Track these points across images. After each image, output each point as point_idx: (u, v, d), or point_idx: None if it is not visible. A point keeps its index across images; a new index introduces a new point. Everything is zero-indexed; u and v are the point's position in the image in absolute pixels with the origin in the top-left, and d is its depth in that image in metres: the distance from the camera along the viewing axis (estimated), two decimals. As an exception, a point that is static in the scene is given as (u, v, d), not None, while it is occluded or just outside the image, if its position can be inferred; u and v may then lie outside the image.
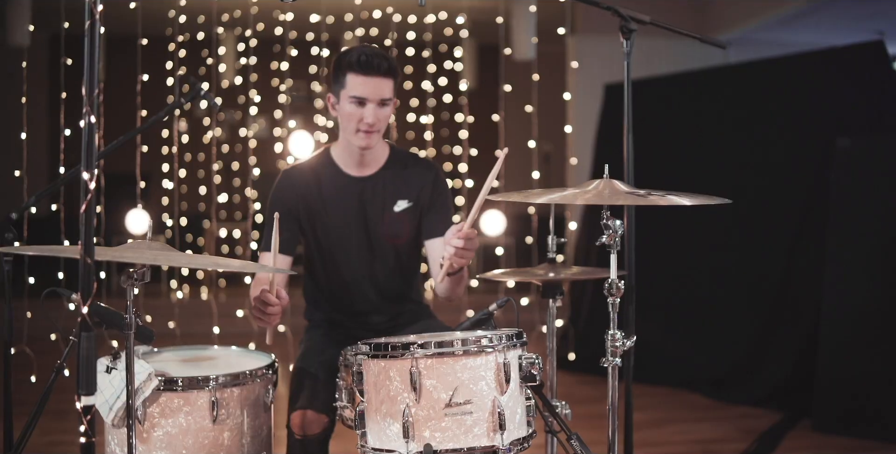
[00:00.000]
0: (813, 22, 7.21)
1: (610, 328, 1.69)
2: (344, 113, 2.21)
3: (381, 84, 2.16)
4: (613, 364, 1.68)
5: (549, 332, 1.93)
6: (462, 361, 1.55)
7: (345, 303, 2.38)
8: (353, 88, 2.17)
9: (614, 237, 1.66)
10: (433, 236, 2.31)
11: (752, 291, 4.58)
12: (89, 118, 1.22)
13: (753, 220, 4.59)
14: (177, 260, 1.37)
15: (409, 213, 2.33)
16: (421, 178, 2.35)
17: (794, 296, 4.30)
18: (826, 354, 3.89)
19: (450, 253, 1.91)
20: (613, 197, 1.59)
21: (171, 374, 1.87)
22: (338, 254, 2.32)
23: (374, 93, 2.16)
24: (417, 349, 1.55)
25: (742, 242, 4.68)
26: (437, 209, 2.34)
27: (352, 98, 2.17)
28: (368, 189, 2.32)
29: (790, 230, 4.37)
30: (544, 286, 1.95)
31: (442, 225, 2.31)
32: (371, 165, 2.34)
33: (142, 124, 2.35)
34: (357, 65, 2.15)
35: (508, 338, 1.61)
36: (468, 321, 1.87)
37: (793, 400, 4.13)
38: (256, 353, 2.14)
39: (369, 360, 1.63)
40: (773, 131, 4.62)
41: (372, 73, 2.14)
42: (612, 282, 1.67)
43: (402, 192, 2.33)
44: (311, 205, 2.31)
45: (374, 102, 2.16)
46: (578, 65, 7.08)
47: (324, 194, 2.32)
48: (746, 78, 4.99)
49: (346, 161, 2.33)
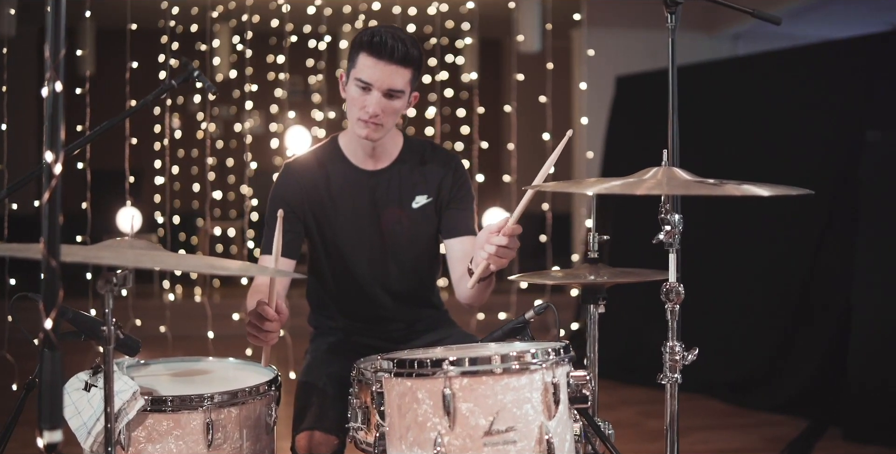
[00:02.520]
0: (824, 14, 7.10)
1: (669, 339, 1.45)
2: (349, 96, 1.98)
3: (391, 72, 1.91)
4: (673, 381, 1.45)
5: (591, 342, 1.69)
6: (504, 381, 1.30)
7: (355, 309, 2.14)
8: (360, 70, 1.93)
9: (674, 234, 1.43)
10: (454, 235, 2.08)
11: (775, 291, 4.36)
12: (53, 85, 0.98)
13: (776, 216, 4.37)
14: (164, 261, 1.13)
15: (429, 210, 2.10)
16: (440, 169, 2.11)
17: (820, 297, 4.11)
18: (857, 358, 3.70)
19: (489, 252, 1.68)
20: (681, 186, 1.34)
21: (160, 392, 1.63)
22: (348, 255, 2.08)
23: (381, 80, 1.91)
24: (450, 366, 1.31)
25: (764, 240, 4.46)
26: (458, 204, 2.11)
27: (357, 81, 1.94)
28: (382, 184, 2.08)
29: (815, 227, 4.17)
30: (585, 290, 1.71)
31: (464, 222, 2.09)
32: (384, 157, 2.10)
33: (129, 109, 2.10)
34: (369, 45, 1.91)
35: (556, 353, 1.36)
36: (500, 330, 1.63)
37: (818, 406, 3.93)
38: (256, 366, 1.90)
39: (392, 379, 1.38)
40: (797, 124, 4.41)
41: (383, 58, 1.90)
42: (672, 286, 1.44)
43: (419, 187, 2.09)
44: (317, 202, 2.06)
45: (379, 91, 1.92)
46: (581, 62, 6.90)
47: (332, 190, 2.08)
48: (766, 69, 4.78)
49: (355, 152, 2.09)
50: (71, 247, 1.12)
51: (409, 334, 2.16)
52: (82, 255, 1.09)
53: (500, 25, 6.91)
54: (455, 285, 2.07)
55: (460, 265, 2.04)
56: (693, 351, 1.45)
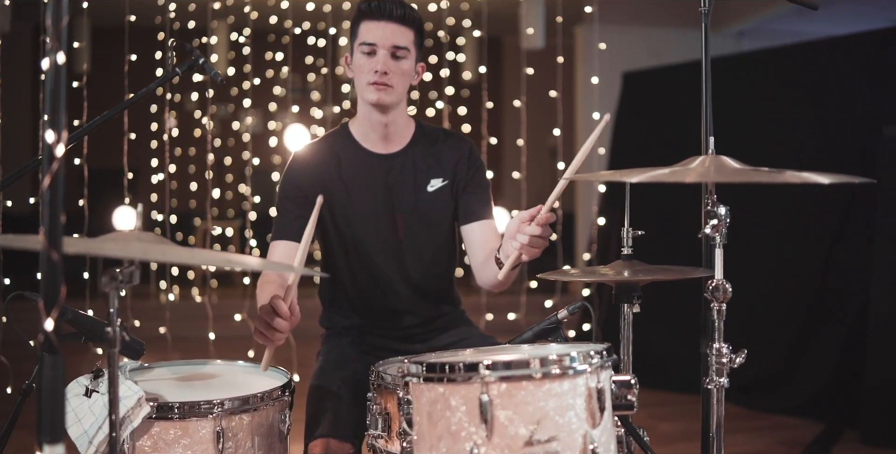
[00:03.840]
0: (831, 11, 7.03)
1: (714, 341, 1.35)
2: (356, 66, 1.95)
3: (394, 30, 1.92)
4: (719, 385, 1.34)
5: (625, 344, 1.58)
6: (546, 386, 1.19)
7: (371, 304, 2.04)
8: (363, 35, 1.93)
9: (721, 227, 1.32)
10: (473, 219, 2.02)
11: (789, 289, 4.26)
12: (55, 56, 0.87)
13: (790, 213, 4.28)
14: (176, 255, 1.02)
15: (445, 193, 2.03)
16: (454, 151, 2.05)
17: (836, 295, 4.02)
18: (875, 358, 3.61)
19: (521, 242, 1.59)
20: (732, 174, 1.24)
21: (166, 398, 1.52)
22: (363, 245, 1.99)
23: (385, 37, 1.91)
24: (487, 370, 1.20)
25: (778, 237, 4.36)
26: (474, 188, 2.05)
27: (361, 45, 1.93)
28: (396, 168, 2.01)
29: (831, 225, 4.08)
30: (618, 288, 1.60)
31: (482, 206, 2.03)
32: (396, 141, 2.03)
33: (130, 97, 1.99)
34: (368, 11, 1.93)
35: (600, 356, 1.26)
36: (530, 331, 1.52)
37: (833, 409, 3.85)
38: (267, 370, 1.79)
39: (421, 384, 1.27)
40: (807, 121, 4.32)
41: (383, 18, 1.92)
42: (719, 283, 1.33)
43: (434, 170, 2.03)
44: (329, 188, 1.97)
45: (385, 49, 1.91)
46: (585, 58, 6.83)
47: (344, 176, 2.00)
48: (774, 65, 4.70)
49: (367, 136, 2.03)
50: (73, 238, 1.01)
51: (426, 333, 2.06)
52: (86, 247, 0.98)
53: (501, 23, 6.82)
54: (476, 271, 2.00)
55: (481, 251, 1.99)
56: (741, 353, 1.35)
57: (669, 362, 4.29)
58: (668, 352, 4.33)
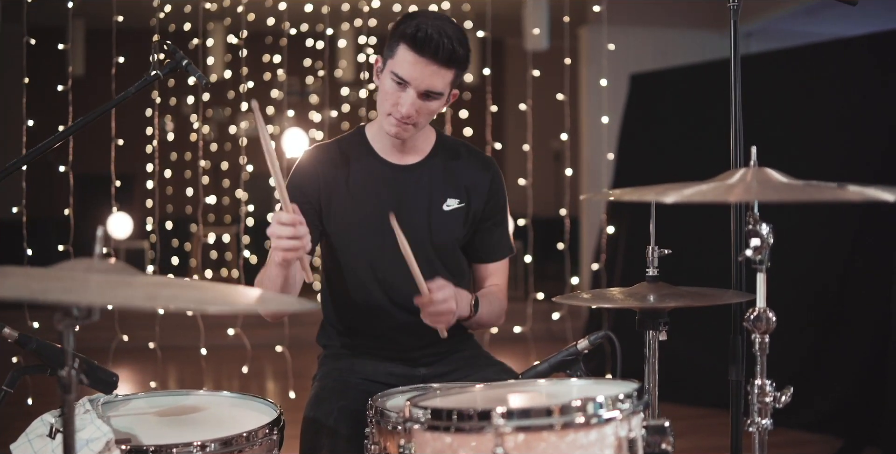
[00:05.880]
0: (839, 12, 6.93)
1: (756, 376, 1.18)
2: (382, 86, 1.77)
3: (432, 72, 1.71)
4: (762, 428, 1.18)
5: (649, 373, 1.42)
6: (570, 437, 1.03)
7: (373, 324, 1.88)
8: (398, 64, 1.72)
9: (764, 249, 1.16)
10: (485, 260, 1.94)
11: (806, 298, 4.10)
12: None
13: (807, 217, 4.12)
14: (132, 295, 0.85)
15: (458, 216, 1.87)
16: (476, 175, 1.90)
17: (856, 303, 3.87)
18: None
19: (425, 319, 1.69)
20: (782, 191, 1.08)
21: (141, 439, 1.37)
22: (366, 260, 1.84)
23: (420, 80, 1.71)
24: (500, 419, 1.03)
25: (793, 242, 4.20)
26: (494, 224, 1.93)
27: (393, 75, 1.72)
28: (411, 181, 1.85)
29: (849, 229, 3.93)
30: (642, 315, 1.44)
31: (499, 246, 1.93)
32: (414, 152, 1.88)
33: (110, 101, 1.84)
34: (411, 38, 1.70)
35: (630, 400, 1.09)
36: (546, 363, 1.36)
37: (853, 424, 3.70)
38: (254, 401, 1.63)
39: (425, 433, 1.11)
40: (830, 120, 4.18)
41: (425, 55, 1.70)
42: (761, 312, 1.17)
43: (451, 189, 1.87)
44: (335, 195, 1.84)
45: (416, 90, 1.72)
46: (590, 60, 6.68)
47: (352, 183, 1.85)
48: (782, 66, 4.55)
49: (382, 144, 1.88)
50: (9, 271, 0.86)
51: (428, 356, 1.92)
52: (20, 290, 0.81)
53: (504, 24, 6.68)
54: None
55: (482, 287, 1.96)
56: (787, 391, 1.19)
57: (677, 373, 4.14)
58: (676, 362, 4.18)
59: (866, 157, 3.96)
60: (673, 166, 4.47)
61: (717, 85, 4.66)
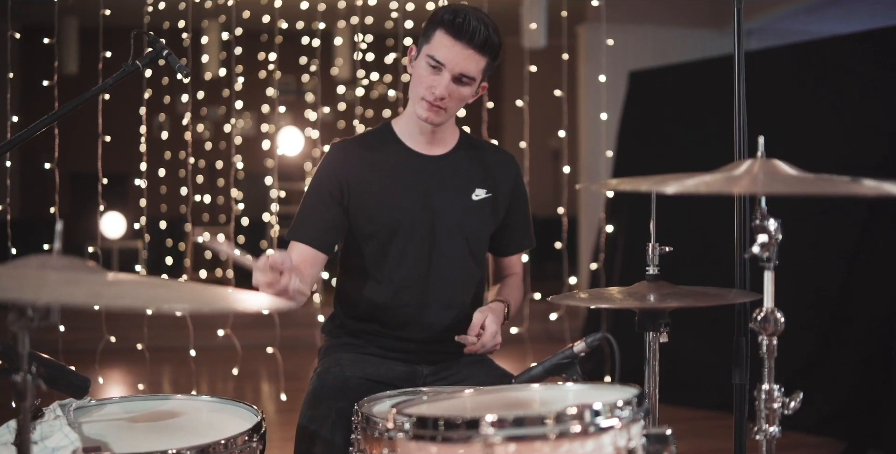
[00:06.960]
0: (839, 11, 6.90)
1: (763, 381, 1.11)
2: (416, 72, 1.83)
3: (467, 56, 1.80)
4: (770, 435, 1.11)
5: (650, 375, 1.35)
6: (564, 447, 0.96)
7: (388, 311, 1.88)
8: (434, 47, 1.80)
9: (772, 245, 1.09)
10: (508, 253, 2.01)
11: (808, 296, 4.04)
12: None
13: (809, 215, 4.06)
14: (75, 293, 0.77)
15: (487, 206, 1.90)
16: (502, 169, 1.97)
17: (860, 301, 3.83)
18: (901, 374, 3.41)
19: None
20: (794, 184, 1.00)
21: (112, 447, 1.30)
22: (392, 246, 1.85)
23: (455, 62, 1.80)
24: (490, 428, 0.96)
25: (795, 241, 4.14)
26: (519, 218, 1.99)
27: (429, 58, 1.82)
28: (440, 170, 1.89)
29: (854, 225, 3.88)
30: (642, 315, 1.37)
31: (525, 240, 2.00)
32: (441, 144, 1.93)
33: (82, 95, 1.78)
34: (451, 24, 1.80)
35: (629, 406, 1.02)
36: (541, 366, 1.29)
37: (856, 426, 3.65)
38: (235, 406, 1.55)
39: (410, 442, 1.03)
40: (829, 116, 4.14)
41: (462, 39, 1.80)
42: (768, 313, 1.10)
43: (479, 179, 1.92)
44: (363, 182, 1.85)
45: (450, 73, 1.81)
46: (588, 58, 6.61)
47: (382, 171, 1.87)
48: (782, 63, 4.51)
49: (412, 136, 1.91)
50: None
51: (433, 354, 1.90)
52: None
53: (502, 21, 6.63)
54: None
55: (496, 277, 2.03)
56: (796, 396, 1.11)
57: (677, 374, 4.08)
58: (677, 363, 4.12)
59: (866, 153, 3.92)
60: (672, 164, 4.40)
61: (716, 82, 4.61)
